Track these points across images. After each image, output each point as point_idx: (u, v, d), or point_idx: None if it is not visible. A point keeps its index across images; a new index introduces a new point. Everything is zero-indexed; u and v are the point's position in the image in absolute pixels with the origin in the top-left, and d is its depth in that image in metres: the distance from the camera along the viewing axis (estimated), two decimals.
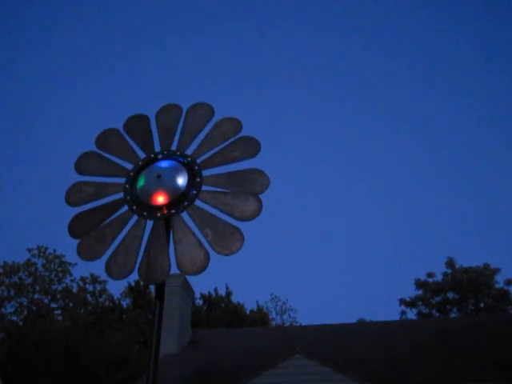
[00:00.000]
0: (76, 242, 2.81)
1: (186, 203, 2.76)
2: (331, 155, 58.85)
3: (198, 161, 2.94)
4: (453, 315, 29.09)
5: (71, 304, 28.47)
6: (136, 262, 2.67)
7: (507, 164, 54.26)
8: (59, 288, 29.01)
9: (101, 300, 29.46)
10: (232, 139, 2.99)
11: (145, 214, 2.79)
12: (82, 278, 29.32)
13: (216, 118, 3.12)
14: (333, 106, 59.33)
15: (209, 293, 31.04)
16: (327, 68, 58.94)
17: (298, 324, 33.36)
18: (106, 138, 3.19)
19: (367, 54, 57.15)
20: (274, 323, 34.16)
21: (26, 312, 27.82)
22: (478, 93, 57.32)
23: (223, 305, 30.61)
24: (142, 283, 28.06)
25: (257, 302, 33.59)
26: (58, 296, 28.78)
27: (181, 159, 2.95)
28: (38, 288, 28.50)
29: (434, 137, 57.65)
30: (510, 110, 56.15)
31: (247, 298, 53.05)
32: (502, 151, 54.21)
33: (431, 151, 56.90)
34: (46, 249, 29.20)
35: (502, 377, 11.68)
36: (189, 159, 2.95)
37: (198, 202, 2.79)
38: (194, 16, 58.91)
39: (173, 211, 2.75)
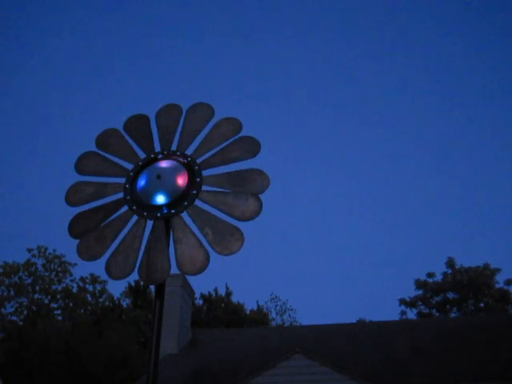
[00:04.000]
0: (76, 242, 2.81)
1: (185, 203, 2.76)
2: (331, 155, 58.88)
3: (198, 161, 2.94)
4: (453, 315, 29.06)
5: (71, 304, 28.44)
6: (136, 262, 2.67)
7: (507, 164, 54.31)
8: (59, 288, 28.98)
9: (101, 300, 29.42)
10: (232, 139, 2.99)
11: (145, 213, 2.78)
12: (82, 278, 29.30)
13: (216, 118, 3.11)
14: (332, 105, 59.36)
15: (209, 293, 31.03)
16: (326, 70, 58.99)
17: (298, 324, 33.36)
18: (106, 138, 3.18)
19: (364, 56, 57.19)
20: (274, 323, 34.14)
21: (25, 312, 27.80)
22: (480, 92, 57.35)
23: (223, 305, 30.58)
24: (141, 283, 28.05)
25: (257, 302, 33.61)
26: (58, 296, 28.75)
27: (181, 159, 2.95)
28: (37, 288, 28.47)
29: (435, 137, 57.69)
30: (508, 110, 56.16)
31: (247, 298, 53.12)
32: (502, 151, 54.25)
33: (431, 151, 56.95)
34: (46, 249, 29.17)
35: (502, 376, 11.67)
36: (189, 159, 2.94)
37: (198, 202, 2.78)
38: (194, 16, 58.95)
39: (173, 211, 2.74)
